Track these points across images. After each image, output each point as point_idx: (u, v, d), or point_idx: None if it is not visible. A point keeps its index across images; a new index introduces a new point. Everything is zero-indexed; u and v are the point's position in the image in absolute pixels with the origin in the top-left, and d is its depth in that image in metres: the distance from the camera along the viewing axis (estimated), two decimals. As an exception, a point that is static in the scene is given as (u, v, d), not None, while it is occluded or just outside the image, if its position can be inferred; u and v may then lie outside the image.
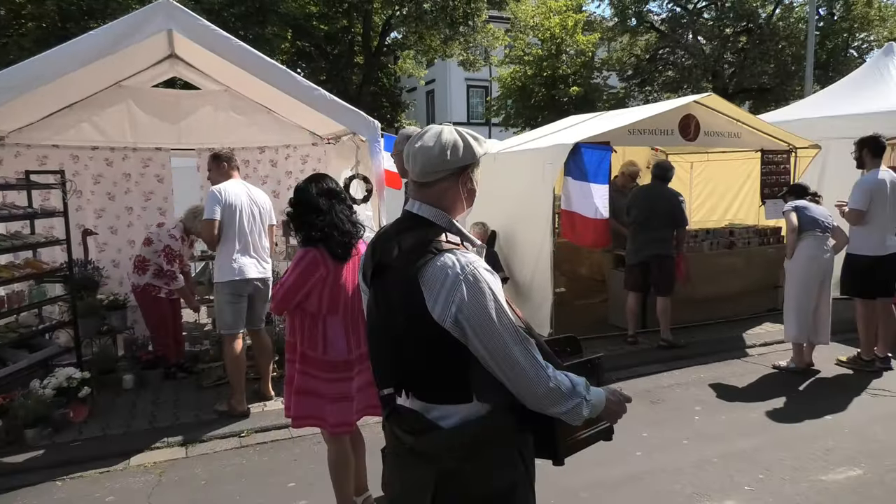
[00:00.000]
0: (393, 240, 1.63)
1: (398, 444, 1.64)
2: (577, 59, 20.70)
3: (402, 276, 1.55)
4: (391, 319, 1.60)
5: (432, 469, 1.54)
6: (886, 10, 24.08)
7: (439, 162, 1.61)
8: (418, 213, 1.65)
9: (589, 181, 5.60)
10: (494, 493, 1.57)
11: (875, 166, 5.40)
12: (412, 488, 1.58)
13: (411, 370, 1.59)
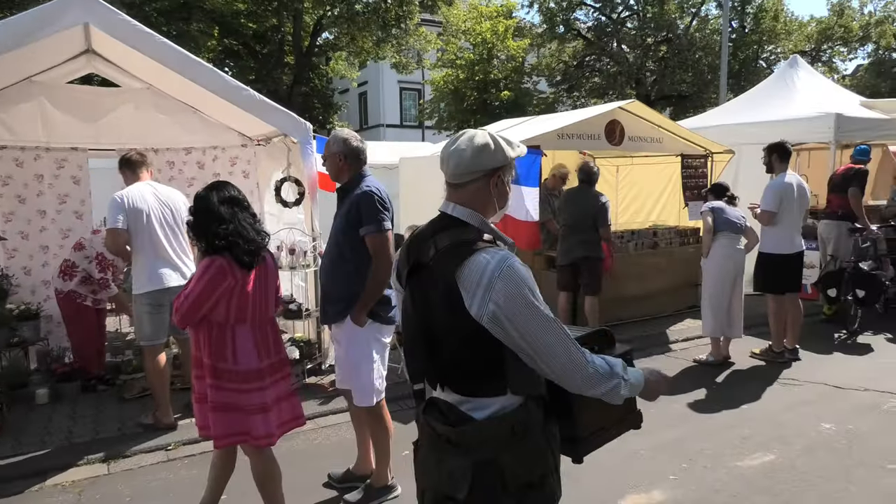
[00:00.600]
0: (429, 240, 1.68)
1: (434, 436, 1.68)
2: (507, 63, 21.09)
3: (440, 275, 1.60)
4: (427, 316, 1.66)
5: (469, 459, 1.59)
6: (791, 25, 25.86)
7: (471, 164, 1.68)
8: (452, 214, 1.71)
9: (520, 184, 5.71)
10: (528, 482, 1.61)
11: (783, 170, 5.78)
12: (450, 477, 1.62)
13: (448, 365, 1.64)
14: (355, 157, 3.25)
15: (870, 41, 29.73)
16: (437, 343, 1.65)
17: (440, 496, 1.66)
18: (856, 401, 4.74)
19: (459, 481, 1.59)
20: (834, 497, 3.36)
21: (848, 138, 7.93)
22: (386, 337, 3.40)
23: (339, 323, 3.28)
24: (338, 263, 3.24)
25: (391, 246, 3.15)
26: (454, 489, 1.60)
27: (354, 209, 3.14)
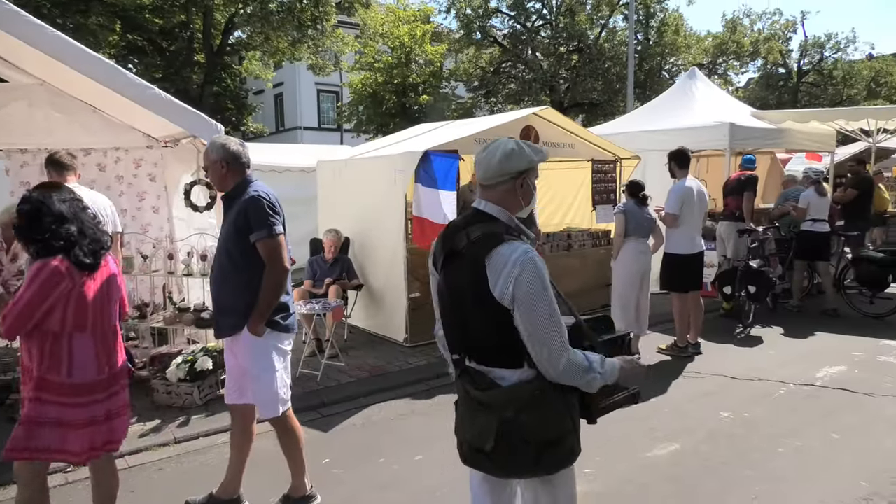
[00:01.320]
0: (462, 231, 1.99)
1: (467, 397, 2.02)
2: (426, 68, 21.19)
3: (471, 261, 1.91)
4: (459, 297, 1.99)
5: (495, 417, 1.90)
6: (690, 39, 27.54)
7: (499, 168, 1.97)
8: (484, 210, 2.01)
9: (438, 188, 5.76)
10: (546, 440, 1.90)
11: (684, 176, 6.14)
12: (480, 432, 1.95)
13: (474, 340, 1.99)
14: (237, 161, 3.11)
15: (759, 56, 32.15)
16: (466, 321, 1.98)
17: (473, 448, 2.00)
18: (751, 390, 5.09)
19: (487, 436, 1.91)
20: (733, 480, 3.60)
21: (741, 146, 8.54)
22: (286, 345, 3.26)
23: (235, 335, 3.13)
24: (229, 273, 3.10)
25: (285, 251, 3.07)
26: (482, 442, 1.93)
27: (242, 215, 3.02)
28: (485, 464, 2.01)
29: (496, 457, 1.93)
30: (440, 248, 2.07)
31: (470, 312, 1.96)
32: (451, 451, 2.15)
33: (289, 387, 3.28)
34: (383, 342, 6.57)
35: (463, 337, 2.03)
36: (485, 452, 1.94)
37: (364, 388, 5.23)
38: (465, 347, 2.04)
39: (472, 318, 1.96)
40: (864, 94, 33.68)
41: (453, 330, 2.07)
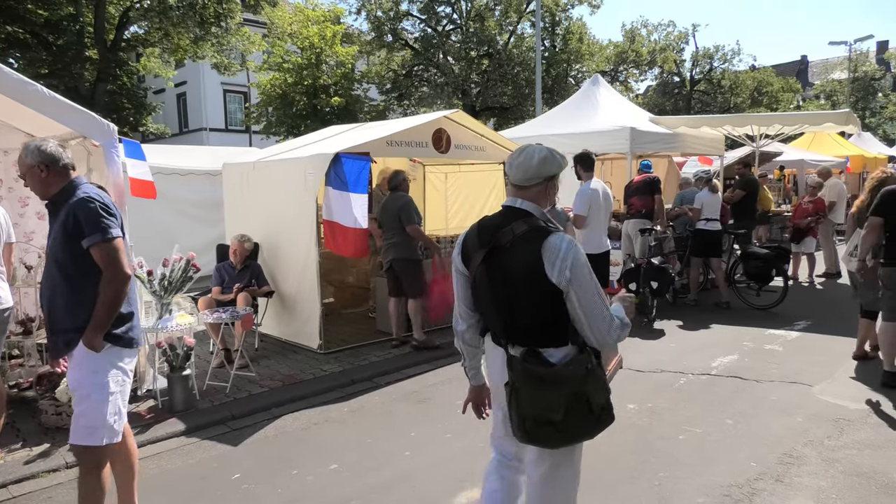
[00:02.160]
0: (503, 228, 2.23)
1: (529, 376, 2.16)
2: (337, 70, 20.90)
3: (525, 250, 2.16)
4: (507, 287, 2.22)
5: (562, 391, 2.13)
6: (593, 47, 28.78)
7: (537, 172, 2.25)
8: (521, 208, 2.27)
9: (349, 191, 5.68)
10: (603, 405, 2.18)
11: (589, 178, 6.38)
12: (548, 405, 2.12)
13: (523, 322, 2.22)
14: (57, 163, 2.83)
15: (656, 65, 34.07)
16: (514, 308, 2.22)
17: (542, 420, 2.14)
18: (654, 381, 5.36)
19: (557, 408, 2.11)
20: (638, 468, 3.76)
21: (641, 149, 9.01)
22: (128, 363, 2.90)
23: (72, 352, 2.79)
24: (61, 285, 2.78)
25: (124, 255, 2.78)
26: (552, 414, 2.12)
27: (71, 220, 2.72)
28: (550, 435, 2.18)
29: (564, 426, 2.14)
30: (476, 244, 2.30)
31: (523, 296, 2.20)
32: (368, 457, 2.11)
33: (123, 416, 2.86)
34: (296, 350, 6.39)
35: (510, 321, 2.25)
36: (553, 424, 2.14)
37: (276, 398, 5.06)
38: (510, 332, 2.26)
39: (524, 302, 2.21)
40: (749, 102, 36.48)
41: (500, 317, 2.28)
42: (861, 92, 39.30)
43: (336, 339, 6.62)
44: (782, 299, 7.80)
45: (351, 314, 8.05)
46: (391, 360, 6.09)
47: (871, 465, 3.70)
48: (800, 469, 3.68)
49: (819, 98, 43.24)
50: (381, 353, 6.29)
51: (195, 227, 9.09)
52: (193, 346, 4.88)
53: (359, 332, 7.02)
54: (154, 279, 4.90)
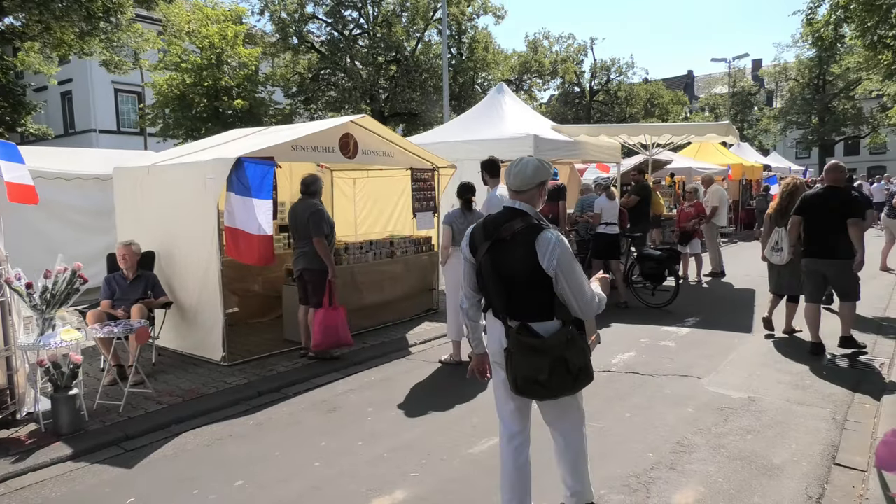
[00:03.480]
0: (504, 225, 2.77)
1: (524, 346, 2.71)
2: (240, 71, 20.19)
3: (523, 243, 2.70)
4: (509, 271, 2.75)
5: (547, 357, 2.67)
6: (498, 56, 29.54)
7: (531, 179, 2.82)
8: (519, 208, 2.81)
9: (252, 196, 5.49)
10: (580, 367, 2.72)
11: (495, 184, 6.51)
12: (536, 368, 2.68)
13: (519, 301, 2.77)
14: None
15: (558, 76, 35.43)
16: (512, 290, 2.77)
17: (530, 380, 2.70)
18: (559, 380, 5.55)
19: (542, 370, 2.67)
20: (546, 464, 3.87)
21: (545, 156, 9.26)
22: None
23: None
24: None
25: None
26: (538, 375, 2.68)
27: None
28: (537, 391, 2.75)
29: (548, 384, 2.69)
30: (482, 237, 2.85)
31: (519, 280, 2.75)
32: (276, 471, 2.04)
33: None
34: (198, 363, 6.10)
35: (509, 300, 2.80)
36: (539, 382, 2.70)
37: (175, 415, 4.80)
38: (509, 308, 2.81)
39: (520, 285, 2.75)
40: (643, 112, 38.76)
41: (500, 296, 2.82)
42: (740, 105, 42.75)
43: (241, 350, 6.38)
44: (674, 298, 8.33)
45: (257, 324, 7.78)
46: (300, 369, 5.95)
47: (752, 449, 4.01)
48: (691, 456, 3.94)
49: (704, 110, 46.63)
50: (290, 362, 6.13)
51: (83, 236, 8.48)
52: (81, 363, 4.53)
53: (265, 343, 6.79)
54: (34, 292, 4.51)
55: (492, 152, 7.08)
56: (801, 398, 4.94)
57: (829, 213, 5.93)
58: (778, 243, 6.70)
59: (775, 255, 6.75)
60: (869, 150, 46.63)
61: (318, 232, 5.95)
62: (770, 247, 6.82)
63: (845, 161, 31.26)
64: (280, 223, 8.47)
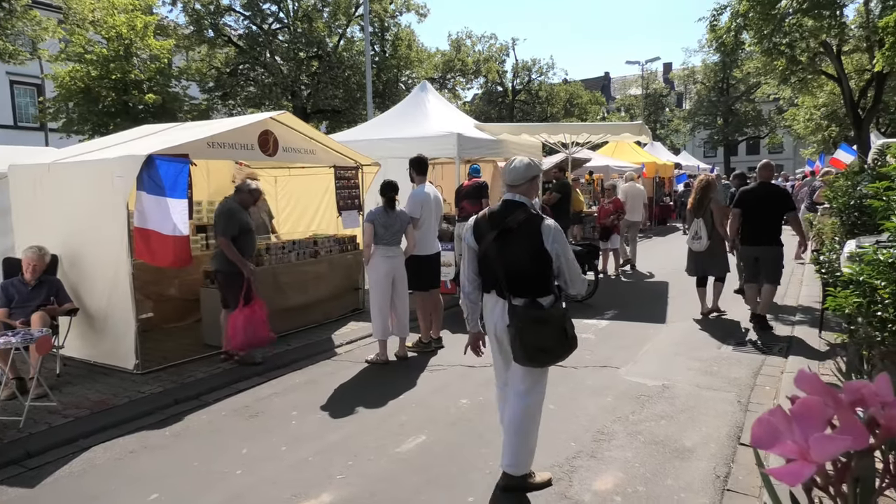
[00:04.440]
0: (508, 216, 3.31)
1: (530, 318, 3.22)
2: (151, 64, 19.18)
3: (529, 230, 3.27)
4: (516, 255, 3.28)
5: (551, 327, 3.23)
6: (422, 54, 29.57)
7: (524, 175, 3.39)
8: (518, 200, 3.36)
9: (166, 196, 5.24)
10: (572, 336, 3.32)
11: (422, 181, 6.54)
12: (545, 337, 3.22)
13: (525, 280, 3.30)
14: None
15: (481, 75, 35.86)
16: (519, 271, 3.29)
17: (539, 347, 3.23)
18: (484, 376, 5.61)
19: (550, 338, 3.24)
20: (472, 460, 3.93)
21: (468, 154, 9.42)
22: None
23: None
24: None
25: None
26: (546, 342, 3.23)
27: None
28: (543, 357, 3.27)
29: (554, 350, 3.26)
30: (488, 227, 3.37)
31: (526, 262, 3.28)
32: (194, 482, 1.95)
33: None
34: (109, 372, 5.77)
35: (517, 279, 3.30)
36: (545, 350, 3.24)
37: (83, 429, 4.52)
38: (514, 288, 3.30)
39: (527, 265, 3.29)
40: (563, 112, 39.86)
41: (507, 277, 3.30)
42: (652, 107, 44.78)
43: (156, 357, 6.08)
44: (594, 292, 8.63)
45: (174, 329, 7.44)
46: (220, 374, 5.74)
47: (666, 434, 4.22)
48: (610, 444, 4.10)
49: (620, 111, 48.53)
50: (209, 368, 5.90)
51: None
52: (-27, 377, 4.18)
53: (183, 348, 6.51)
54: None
55: (416, 150, 7.09)
56: (710, 383, 5.24)
57: (763, 206, 6.74)
58: (697, 232, 7.48)
59: (695, 243, 7.52)
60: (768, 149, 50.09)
61: (223, 231, 5.81)
62: (691, 235, 7.59)
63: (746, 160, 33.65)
64: (197, 223, 8.15)
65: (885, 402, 0.79)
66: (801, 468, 0.74)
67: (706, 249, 7.40)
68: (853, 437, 0.74)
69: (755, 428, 0.80)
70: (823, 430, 0.76)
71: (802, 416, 0.78)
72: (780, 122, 38.01)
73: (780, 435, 0.78)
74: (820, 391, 0.81)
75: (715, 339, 6.62)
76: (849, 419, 0.78)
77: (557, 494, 3.48)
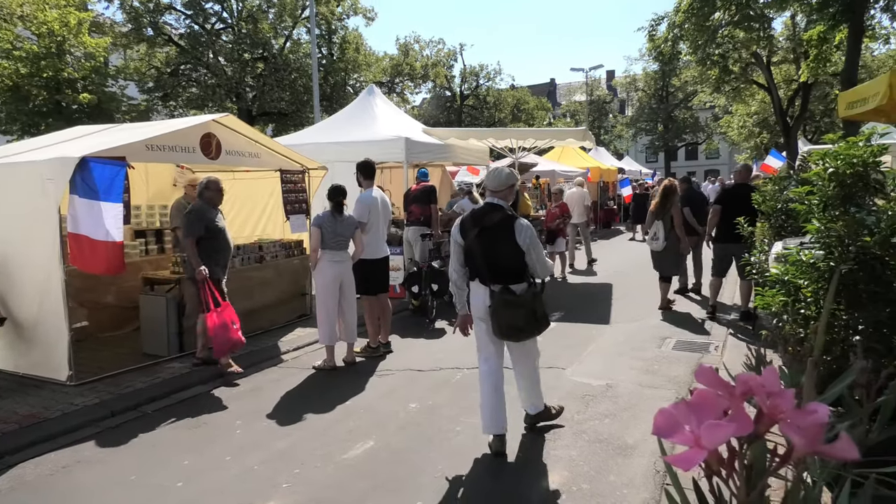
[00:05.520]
0: (488, 216, 3.97)
1: (505, 302, 3.88)
2: (85, 62, 18.42)
3: (505, 228, 3.90)
4: (494, 247, 3.93)
5: (523, 309, 3.88)
6: (370, 58, 29.46)
7: (505, 182, 4.05)
8: (497, 203, 4.02)
9: (100, 200, 5.04)
10: (543, 315, 4.00)
11: (369, 186, 6.51)
12: (518, 317, 3.87)
13: (504, 269, 3.95)
14: None
15: (429, 79, 35.99)
16: (496, 262, 3.93)
17: (511, 327, 3.88)
18: (434, 379, 5.65)
19: (522, 319, 3.86)
20: (421, 464, 3.93)
21: (416, 159, 9.45)
22: None
23: None
24: None
25: None
26: (519, 321, 3.87)
27: None
28: (516, 334, 3.95)
29: (525, 329, 3.92)
30: (471, 225, 4.00)
31: (504, 254, 3.94)
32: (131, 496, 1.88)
33: None
34: (40, 384, 5.49)
35: (495, 269, 3.96)
36: (517, 328, 3.91)
37: (11, 444, 4.29)
38: (493, 276, 3.96)
39: (503, 257, 3.94)
40: (510, 117, 40.43)
41: (487, 267, 3.96)
42: (597, 113, 45.96)
43: (92, 368, 5.83)
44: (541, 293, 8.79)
45: (111, 338, 7.15)
46: (160, 384, 5.55)
47: (609, 432, 4.34)
48: (556, 443, 4.17)
49: (566, 116, 49.60)
50: (148, 378, 5.70)
51: None
52: None
53: (121, 358, 6.26)
54: None
55: (363, 154, 7.05)
56: (651, 382, 5.41)
57: (739, 205, 7.05)
58: (656, 233, 8.08)
59: (654, 243, 8.13)
60: (706, 154, 52.19)
61: (185, 233, 5.74)
62: (650, 236, 8.22)
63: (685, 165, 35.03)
64: (135, 228, 7.88)
65: (771, 392, 0.86)
66: (694, 454, 0.81)
67: (662, 249, 8.00)
68: (738, 424, 0.80)
69: (657, 418, 0.86)
70: (718, 419, 0.82)
71: (699, 407, 0.84)
72: (716, 128, 39.65)
73: (679, 425, 0.83)
74: (715, 384, 0.87)
75: (656, 338, 6.84)
76: (737, 408, 0.85)
77: (505, 495, 3.52)
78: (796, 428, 0.83)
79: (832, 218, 3.00)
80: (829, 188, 3.19)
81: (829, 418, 0.80)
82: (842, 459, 0.79)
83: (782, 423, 0.85)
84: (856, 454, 0.82)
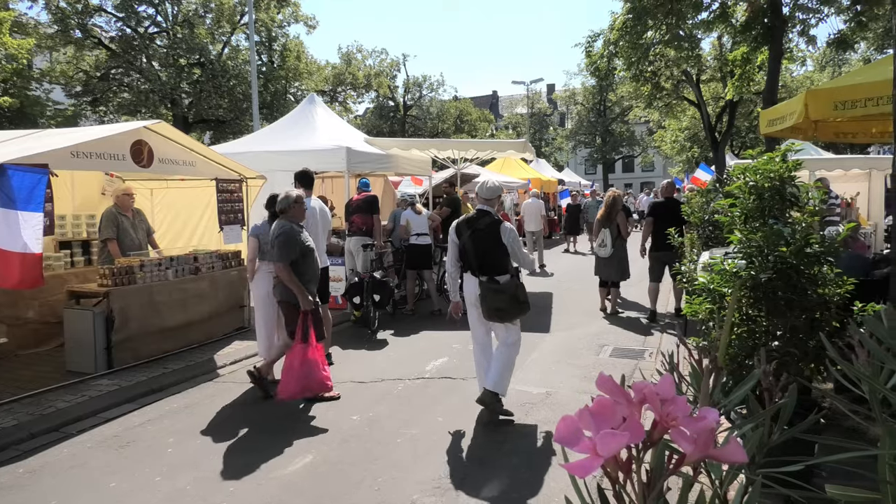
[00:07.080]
0: (479, 220, 4.88)
1: (492, 289, 4.71)
2: (7, 64, 17.49)
3: (492, 229, 4.83)
4: (483, 245, 4.81)
5: (506, 294, 4.71)
6: (311, 66, 29.15)
7: (494, 193, 5.06)
8: (486, 209, 4.96)
9: (18, 209, 4.77)
10: (523, 301, 4.79)
11: (308, 195, 6.42)
12: (500, 301, 4.69)
13: (490, 263, 4.81)
14: None
15: (372, 89, 35.89)
16: (484, 257, 4.80)
17: (496, 308, 4.68)
18: (375, 391, 5.60)
19: (503, 302, 4.69)
20: (359, 477, 3.88)
21: (358, 169, 9.38)
22: None
23: None
24: None
25: None
26: (500, 305, 4.68)
27: None
28: (501, 315, 4.69)
29: (506, 311, 4.68)
30: (465, 227, 4.87)
31: (491, 251, 4.77)
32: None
33: None
34: (-51, 407, 5.13)
35: (483, 263, 4.77)
36: (502, 310, 4.67)
37: (-83, 473, 3.98)
38: (481, 269, 4.77)
39: (492, 253, 4.77)
40: (454, 128, 40.76)
41: (477, 261, 4.78)
42: (538, 125, 46.96)
43: (10, 387, 5.50)
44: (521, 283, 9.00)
45: (31, 355, 6.76)
46: (85, 403, 5.27)
47: (549, 439, 4.40)
48: (499, 451, 4.20)
49: (508, 128, 50.43)
50: (73, 396, 5.41)
51: None
52: None
53: (42, 376, 5.92)
54: None
55: (304, 163, 6.96)
56: (589, 389, 5.53)
57: (669, 216, 7.82)
58: (604, 241, 8.61)
59: (601, 250, 8.68)
60: (641, 167, 54.09)
61: (279, 257, 5.15)
62: (597, 244, 8.77)
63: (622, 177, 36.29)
64: (60, 239, 7.50)
65: (665, 400, 0.91)
66: (591, 462, 0.84)
67: (610, 256, 8.54)
68: (631, 432, 0.84)
69: (560, 426, 0.89)
70: (616, 427, 0.85)
71: (598, 415, 0.87)
72: (650, 142, 41.21)
73: (580, 432, 0.86)
74: (614, 392, 0.91)
75: (594, 346, 7.01)
76: (632, 416, 0.89)
77: (448, 502, 3.52)
78: (685, 435, 0.88)
79: (752, 229, 3.17)
80: (749, 201, 3.37)
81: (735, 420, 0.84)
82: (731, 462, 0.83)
83: (672, 431, 0.90)
84: (744, 457, 0.88)
